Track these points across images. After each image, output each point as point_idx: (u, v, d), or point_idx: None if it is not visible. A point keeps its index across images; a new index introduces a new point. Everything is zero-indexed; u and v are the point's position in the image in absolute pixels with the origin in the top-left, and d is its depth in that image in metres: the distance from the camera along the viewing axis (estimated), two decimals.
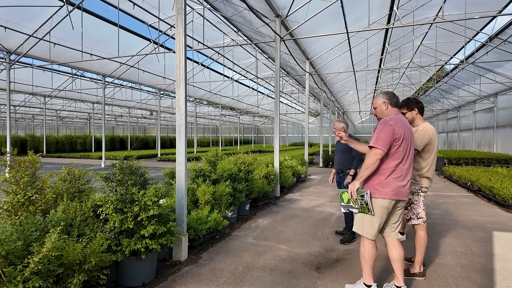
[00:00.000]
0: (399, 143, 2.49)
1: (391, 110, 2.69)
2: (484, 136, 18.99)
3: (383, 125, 2.52)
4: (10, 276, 1.93)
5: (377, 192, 2.53)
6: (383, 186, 2.51)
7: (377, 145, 2.47)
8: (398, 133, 2.48)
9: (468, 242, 4.12)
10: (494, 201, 6.60)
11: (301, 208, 6.10)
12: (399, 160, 2.52)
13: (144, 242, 2.78)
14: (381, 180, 2.53)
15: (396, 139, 2.48)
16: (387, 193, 2.50)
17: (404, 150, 2.52)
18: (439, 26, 11.30)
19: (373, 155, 2.48)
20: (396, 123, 2.51)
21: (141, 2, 9.16)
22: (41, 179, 3.03)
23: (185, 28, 3.65)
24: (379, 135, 2.50)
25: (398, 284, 2.63)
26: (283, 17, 7.54)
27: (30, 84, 15.11)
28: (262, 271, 3.23)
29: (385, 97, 2.72)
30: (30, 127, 42.12)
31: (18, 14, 9.03)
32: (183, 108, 3.59)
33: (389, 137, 2.47)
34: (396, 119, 2.56)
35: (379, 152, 2.46)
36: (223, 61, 14.78)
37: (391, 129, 2.48)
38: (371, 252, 2.60)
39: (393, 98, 2.71)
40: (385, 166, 2.53)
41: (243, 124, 45.09)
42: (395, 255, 2.63)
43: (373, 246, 2.61)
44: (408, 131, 2.57)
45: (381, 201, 2.52)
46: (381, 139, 2.47)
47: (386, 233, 2.71)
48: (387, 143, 2.46)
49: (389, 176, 2.51)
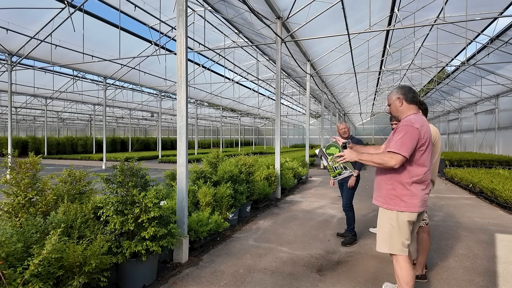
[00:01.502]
0: (424, 148, 2.21)
1: (407, 107, 2.36)
2: (486, 138, 18.94)
3: (409, 127, 2.18)
4: (10, 278, 1.91)
5: (404, 204, 2.22)
6: (411, 197, 2.22)
7: (401, 152, 2.14)
8: (424, 137, 2.20)
9: (470, 244, 4.09)
10: (496, 203, 6.57)
11: (302, 210, 6.08)
12: (426, 167, 2.24)
13: (144, 244, 2.77)
14: (407, 191, 2.23)
15: (422, 143, 2.19)
16: (416, 205, 2.22)
17: (428, 156, 2.26)
18: (440, 28, 11.30)
19: (391, 159, 2.16)
20: (422, 125, 2.21)
21: (143, 4, 9.18)
22: (42, 181, 3.02)
23: (186, 29, 3.65)
24: (404, 139, 2.16)
25: None
26: (284, 19, 7.54)
27: (32, 85, 15.14)
28: (263, 273, 3.21)
29: (400, 92, 2.39)
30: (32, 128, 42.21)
31: (20, 16, 9.06)
32: (184, 110, 3.58)
33: (414, 142, 2.16)
34: (421, 120, 2.25)
35: (400, 159, 2.14)
36: (224, 63, 14.79)
37: (416, 132, 2.17)
38: (411, 273, 2.26)
39: (409, 93, 2.37)
40: (412, 175, 2.22)
41: (244, 125, 45.10)
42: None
43: (409, 264, 2.28)
44: (430, 133, 2.30)
45: (408, 214, 2.23)
46: (405, 144, 2.15)
47: None
48: (410, 149, 2.16)
49: (416, 186, 2.23)
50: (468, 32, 10.83)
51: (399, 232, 2.25)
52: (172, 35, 11.28)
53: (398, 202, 2.24)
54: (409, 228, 2.26)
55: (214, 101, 23.34)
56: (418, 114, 2.33)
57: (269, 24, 7.19)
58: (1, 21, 9.06)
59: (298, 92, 21.26)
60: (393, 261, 2.34)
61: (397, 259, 2.29)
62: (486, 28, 10.96)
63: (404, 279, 2.25)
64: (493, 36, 11.01)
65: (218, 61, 14.70)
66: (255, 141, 46.15)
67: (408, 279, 2.24)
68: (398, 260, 2.28)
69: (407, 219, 2.23)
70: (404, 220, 2.24)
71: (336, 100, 22.46)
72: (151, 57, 12.97)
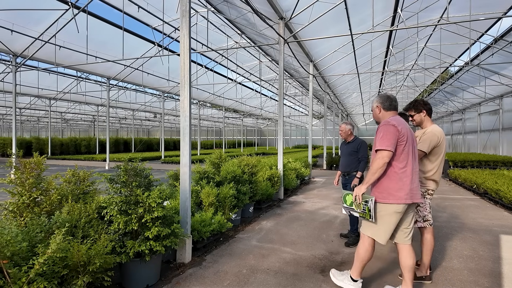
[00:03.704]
0: (404, 143, 2.43)
1: (384, 114, 2.67)
2: (490, 139, 18.82)
3: (386, 126, 2.46)
4: (15, 277, 1.93)
5: (391, 197, 2.44)
6: (397, 190, 2.42)
7: (384, 147, 2.39)
8: (402, 132, 2.42)
9: (475, 245, 4.07)
10: (500, 204, 6.52)
11: (305, 211, 6.07)
12: (407, 161, 2.45)
13: (148, 244, 2.77)
14: (393, 184, 2.44)
15: (400, 139, 2.42)
16: (402, 197, 2.41)
17: (410, 151, 2.47)
18: (444, 28, 11.25)
19: (380, 158, 2.40)
20: (398, 123, 2.46)
21: (146, 5, 9.22)
22: (46, 181, 3.04)
23: (189, 30, 3.66)
24: (383, 136, 2.43)
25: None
26: (287, 20, 7.54)
27: (36, 86, 15.25)
28: (266, 273, 3.20)
29: (378, 100, 2.69)
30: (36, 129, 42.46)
31: (24, 18, 9.13)
32: (187, 110, 3.59)
33: (394, 137, 2.40)
34: (396, 119, 2.51)
35: (387, 154, 2.38)
36: (227, 64, 14.82)
37: (394, 129, 2.42)
38: (369, 254, 2.62)
39: (386, 102, 2.66)
40: (395, 169, 2.44)
41: (246, 126, 45.13)
42: (409, 263, 2.53)
43: (372, 248, 2.62)
44: (410, 132, 2.52)
45: (395, 206, 2.43)
46: (386, 140, 2.40)
47: (399, 239, 2.60)
48: (393, 143, 2.39)
49: (401, 179, 2.43)
50: (472, 32, 10.78)
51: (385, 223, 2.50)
52: (175, 36, 11.31)
53: (386, 194, 2.47)
54: (396, 219, 2.48)
55: (216, 102, 23.38)
56: (396, 117, 2.59)
57: (272, 25, 7.19)
58: (6, 23, 9.13)
59: (300, 93, 21.25)
60: (360, 239, 2.69)
61: (365, 239, 2.63)
62: (490, 28, 10.90)
63: (359, 254, 2.65)
64: (497, 36, 10.95)
65: (220, 62, 14.73)
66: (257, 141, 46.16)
67: (364, 256, 2.62)
68: (366, 240, 2.62)
69: (393, 210, 2.45)
70: (389, 210, 2.46)
71: (339, 100, 22.41)
72: (154, 58, 13.02)
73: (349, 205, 2.60)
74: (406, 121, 4.18)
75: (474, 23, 10.22)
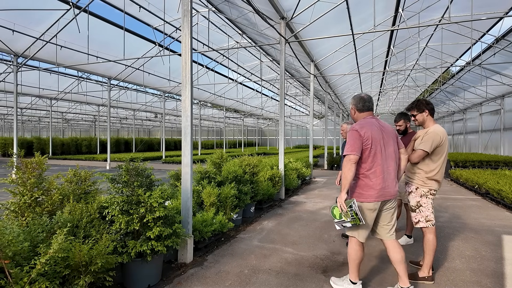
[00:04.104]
0: (369, 145, 2.54)
1: (358, 115, 2.79)
2: (491, 139, 18.77)
3: (350, 131, 2.62)
4: (17, 277, 1.92)
5: (361, 196, 2.58)
6: (366, 190, 2.57)
7: (348, 152, 2.53)
8: (365, 136, 2.54)
9: (477, 245, 4.05)
10: (502, 204, 6.50)
11: (306, 211, 6.06)
12: (375, 162, 2.56)
13: (149, 244, 2.77)
14: (363, 184, 2.58)
15: (365, 143, 2.54)
16: (372, 195, 2.55)
17: (378, 150, 2.57)
18: (445, 28, 11.22)
19: (347, 161, 2.52)
20: (361, 127, 2.58)
21: (147, 5, 9.22)
22: (47, 181, 3.04)
23: (191, 29, 3.65)
24: (348, 141, 2.58)
25: (404, 285, 2.62)
26: (288, 19, 7.54)
27: (37, 86, 15.27)
28: (268, 274, 3.20)
29: (352, 102, 2.82)
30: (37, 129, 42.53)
31: (26, 18, 9.14)
32: (189, 110, 3.59)
33: (358, 141, 2.53)
34: (362, 123, 2.65)
35: (353, 157, 2.51)
36: (228, 64, 14.82)
37: (356, 134, 2.56)
38: (359, 254, 2.68)
39: (358, 104, 2.76)
40: (363, 171, 2.58)
41: (247, 126, 45.12)
42: (397, 257, 2.63)
43: (360, 247, 2.68)
44: (377, 132, 2.60)
45: (366, 204, 2.57)
46: (350, 145, 2.54)
47: (383, 236, 2.71)
48: (357, 148, 2.52)
49: (370, 179, 2.56)
50: (473, 32, 10.75)
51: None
52: (176, 36, 11.32)
53: (357, 194, 2.60)
54: (370, 217, 2.60)
55: (217, 102, 23.38)
56: (366, 118, 2.71)
57: (273, 25, 7.19)
58: (7, 22, 9.14)
59: (301, 93, 21.25)
60: (348, 241, 2.76)
61: (352, 241, 2.70)
62: (491, 28, 10.87)
63: (351, 257, 2.71)
64: (499, 36, 10.92)
65: (221, 62, 14.73)
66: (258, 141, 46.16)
67: (355, 257, 2.68)
68: (352, 241, 2.70)
69: (365, 207, 2.57)
70: (363, 208, 2.57)
71: (340, 100, 22.39)
72: (155, 58, 13.02)
73: (339, 219, 2.60)
74: (408, 120, 4.18)
75: (476, 22, 10.19)
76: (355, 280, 2.73)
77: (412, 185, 3.15)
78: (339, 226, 2.65)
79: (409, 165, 3.21)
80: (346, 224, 2.59)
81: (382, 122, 2.77)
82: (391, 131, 2.73)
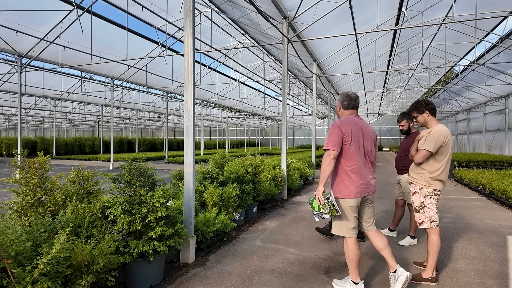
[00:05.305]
0: (349, 142, 2.62)
1: (343, 112, 2.87)
2: (495, 139, 18.63)
3: (332, 126, 2.69)
4: (19, 277, 1.92)
5: (342, 193, 2.66)
6: (346, 186, 2.64)
7: (328, 146, 2.61)
8: (346, 133, 2.61)
9: (481, 246, 4.01)
10: (507, 204, 6.44)
11: (309, 211, 6.03)
12: (355, 158, 2.64)
13: (152, 244, 2.77)
14: (343, 181, 2.66)
15: (345, 139, 2.62)
16: (351, 192, 2.63)
17: (357, 148, 2.65)
18: (449, 27, 11.15)
19: (327, 156, 2.60)
20: (342, 123, 2.66)
21: (150, 5, 9.25)
22: (50, 181, 3.04)
23: (193, 29, 3.65)
24: (329, 137, 2.66)
25: (392, 269, 2.71)
26: (290, 19, 7.52)
27: (41, 87, 15.35)
28: (270, 274, 3.18)
29: (338, 99, 2.89)
30: (40, 129, 42.81)
31: (29, 18, 9.19)
32: (191, 110, 3.58)
33: (338, 137, 2.61)
34: (343, 119, 2.73)
35: (332, 153, 2.59)
36: (230, 64, 14.82)
37: (337, 129, 2.63)
38: (355, 252, 2.70)
39: (344, 101, 2.84)
40: (343, 167, 2.66)
41: (250, 126, 45.13)
42: (380, 244, 2.76)
43: (355, 246, 2.70)
44: (357, 129, 2.68)
45: (347, 201, 2.66)
46: (331, 140, 2.62)
47: (365, 228, 2.85)
48: (337, 143, 2.60)
49: (350, 176, 2.63)
50: (478, 31, 10.67)
51: (344, 217, 2.69)
52: (179, 36, 11.33)
53: (338, 191, 2.67)
54: (352, 212, 2.67)
55: (220, 102, 23.40)
56: (349, 116, 2.79)
57: (275, 24, 7.17)
58: (11, 23, 9.19)
59: (304, 93, 21.20)
60: (343, 244, 2.77)
61: (345, 241, 2.73)
62: (496, 27, 10.79)
63: (348, 256, 2.71)
64: (503, 35, 10.84)
65: (224, 62, 14.73)
66: (260, 141, 46.13)
67: (352, 256, 2.68)
68: (347, 241, 2.72)
69: (347, 204, 2.65)
70: (344, 205, 2.66)
71: None
72: (158, 58, 13.05)
73: (318, 210, 2.67)
74: (411, 120, 4.15)
75: (480, 22, 10.10)
76: (356, 280, 2.73)
77: (416, 185, 3.12)
78: (318, 217, 2.72)
79: (413, 165, 3.18)
80: (324, 216, 2.67)
81: (364, 122, 2.85)
82: (370, 132, 2.81)
